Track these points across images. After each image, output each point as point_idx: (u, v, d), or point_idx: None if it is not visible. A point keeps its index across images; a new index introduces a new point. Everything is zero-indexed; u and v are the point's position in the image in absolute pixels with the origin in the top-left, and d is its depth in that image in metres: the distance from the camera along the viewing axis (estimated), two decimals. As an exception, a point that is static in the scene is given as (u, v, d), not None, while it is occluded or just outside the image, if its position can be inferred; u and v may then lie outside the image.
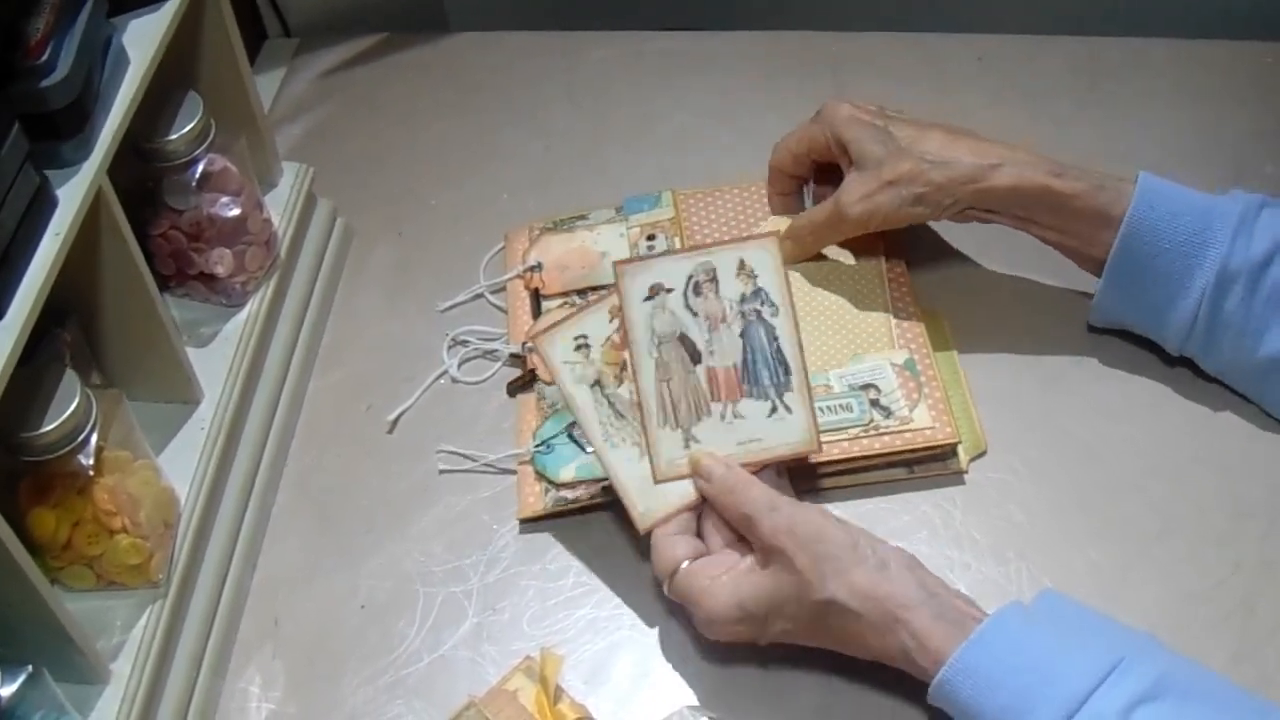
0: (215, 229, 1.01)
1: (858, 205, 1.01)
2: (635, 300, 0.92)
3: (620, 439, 0.92)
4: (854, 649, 0.85)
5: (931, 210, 1.00)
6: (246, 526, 0.99)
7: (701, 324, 0.93)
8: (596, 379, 0.93)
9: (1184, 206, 0.96)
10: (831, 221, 1.04)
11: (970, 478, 0.99)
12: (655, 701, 0.90)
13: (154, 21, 0.92)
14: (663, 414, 0.92)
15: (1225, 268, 0.94)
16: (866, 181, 1.01)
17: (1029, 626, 0.80)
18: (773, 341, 0.93)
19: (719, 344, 0.93)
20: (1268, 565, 0.93)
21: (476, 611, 0.95)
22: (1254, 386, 1.00)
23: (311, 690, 0.92)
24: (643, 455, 0.92)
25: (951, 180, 0.98)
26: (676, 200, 1.15)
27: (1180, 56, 1.29)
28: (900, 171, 0.99)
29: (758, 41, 1.35)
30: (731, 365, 0.93)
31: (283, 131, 1.30)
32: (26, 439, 0.80)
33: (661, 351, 0.92)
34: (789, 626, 0.86)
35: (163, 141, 0.98)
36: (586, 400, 0.92)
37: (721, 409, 0.92)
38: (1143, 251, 0.96)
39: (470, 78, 1.35)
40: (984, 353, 1.06)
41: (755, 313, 0.93)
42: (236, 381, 1.01)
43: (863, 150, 1.01)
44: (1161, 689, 0.76)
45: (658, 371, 0.92)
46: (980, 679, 0.78)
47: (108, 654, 0.86)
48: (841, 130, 1.03)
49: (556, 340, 0.93)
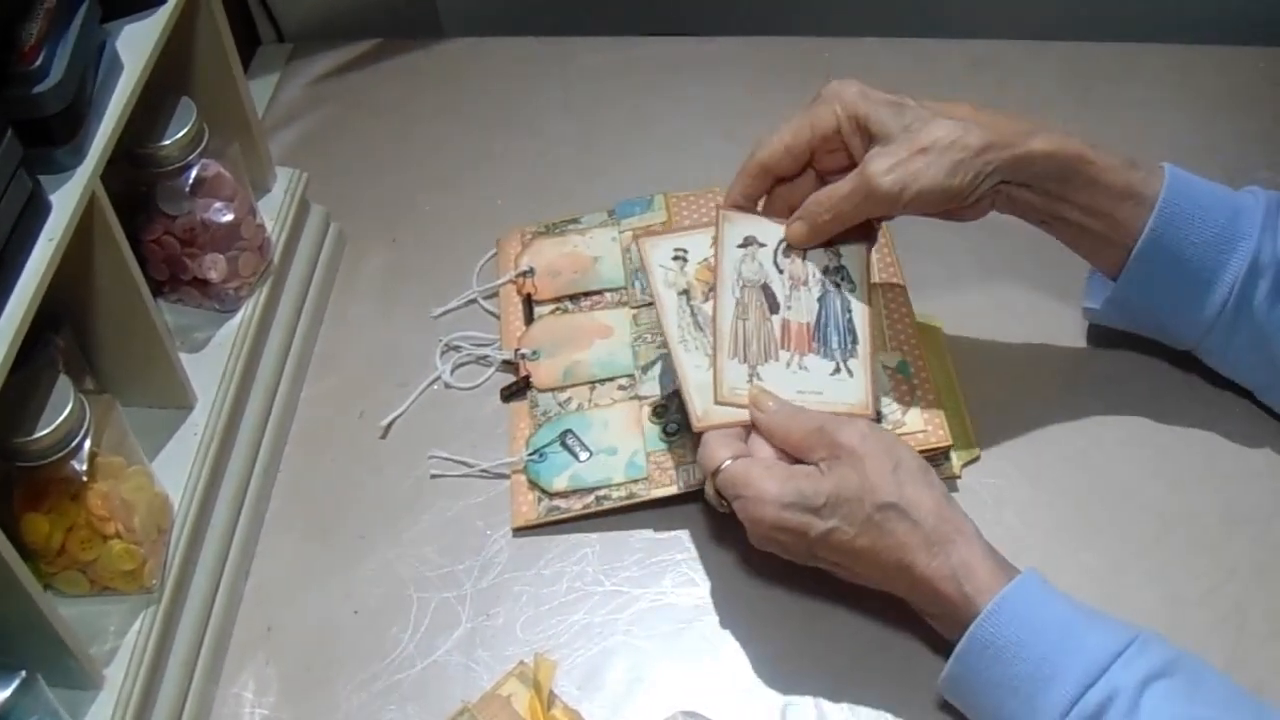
0: (209, 234, 1.01)
1: (889, 175, 0.90)
2: (730, 244, 0.97)
3: (694, 345, 0.96)
4: (891, 570, 0.85)
5: (969, 182, 0.90)
6: (240, 532, 0.99)
7: (785, 281, 0.97)
8: (685, 288, 0.98)
9: (1213, 199, 0.95)
10: (857, 196, 0.92)
11: (963, 482, 0.99)
12: (649, 707, 0.90)
13: (147, 27, 0.92)
14: (733, 347, 0.95)
15: (1255, 262, 0.94)
16: (896, 151, 0.90)
17: (1049, 593, 0.83)
18: (846, 313, 0.97)
19: (797, 301, 0.97)
20: (1262, 571, 0.93)
21: (470, 617, 0.95)
22: (1264, 384, 0.99)
23: (305, 696, 0.92)
24: (709, 368, 0.94)
25: (990, 144, 0.90)
26: (669, 204, 1.15)
27: (1174, 62, 1.29)
28: (935, 137, 0.90)
29: (750, 46, 1.35)
30: (805, 322, 0.96)
31: (276, 137, 1.30)
32: (20, 444, 0.80)
33: (744, 294, 0.96)
34: (841, 525, 0.85)
35: (156, 147, 0.98)
36: (672, 303, 0.97)
37: (789, 357, 0.95)
38: (1176, 240, 0.94)
39: (463, 83, 1.35)
40: (977, 357, 1.06)
41: (835, 285, 0.97)
42: (230, 387, 1.01)
43: (884, 121, 0.91)
44: (1175, 668, 0.78)
45: (736, 309, 0.96)
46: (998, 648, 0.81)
47: (101, 659, 0.86)
48: (857, 105, 0.93)
49: (659, 245, 1.00)
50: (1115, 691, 0.76)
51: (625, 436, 1.01)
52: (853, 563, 0.86)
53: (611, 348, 1.07)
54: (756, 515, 0.86)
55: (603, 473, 1.00)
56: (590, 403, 1.04)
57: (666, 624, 0.94)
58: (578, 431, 1.02)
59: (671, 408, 1.02)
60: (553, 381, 1.06)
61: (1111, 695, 0.76)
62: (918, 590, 0.85)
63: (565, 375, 1.06)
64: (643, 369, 1.05)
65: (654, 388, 1.03)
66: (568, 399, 1.05)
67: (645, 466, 0.99)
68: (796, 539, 0.86)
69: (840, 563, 0.87)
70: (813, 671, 0.90)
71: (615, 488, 0.99)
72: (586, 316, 1.10)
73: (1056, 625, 0.80)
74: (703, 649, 0.92)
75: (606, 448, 1.01)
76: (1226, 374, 1.01)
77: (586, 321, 1.09)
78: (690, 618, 0.94)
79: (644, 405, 1.03)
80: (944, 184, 0.90)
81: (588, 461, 1.00)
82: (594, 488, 0.99)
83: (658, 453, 0.99)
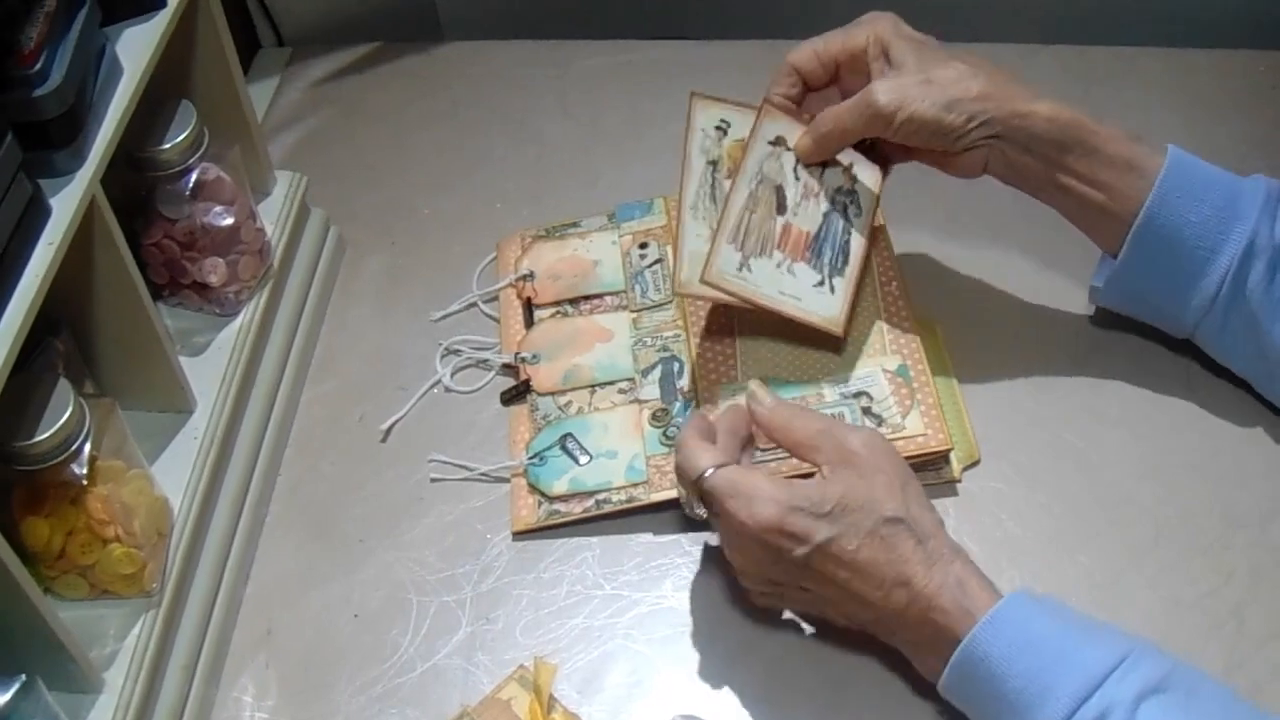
0: (209, 238, 1.01)
1: (888, 94, 0.94)
2: (761, 138, 1.01)
3: (702, 215, 1.01)
4: (889, 584, 0.83)
5: (963, 121, 0.94)
6: (240, 535, 0.99)
7: (798, 188, 1.01)
8: (715, 159, 1.02)
9: (1214, 179, 0.95)
10: (856, 109, 0.96)
11: (963, 486, 0.99)
12: (648, 711, 0.90)
13: (147, 31, 0.92)
14: (734, 233, 0.99)
15: (1252, 244, 0.94)
16: (903, 75, 0.95)
17: (1039, 609, 0.81)
18: (845, 235, 1.01)
19: (804, 210, 1.01)
20: (1259, 574, 0.93)
21: (470, 620, 0.95)
22: (1261, 372, 0.99)
23: (305, 699, 0.92)
24: (707, 242, 0.99)
25: (993, 94, 0.94)
26: (669, 207, 1.15)
27: (1173, 65, 1.29)
28: (942, 74, 0.94)
29: (748, 50, 1.35)
30: (806, 231, 1.01)
31: (276, 141, 1.30)
32: (19, 448, 0.80)
33: (759, 188, 1.00)
34: (845, 534, 0.83)
35: (156, 151, 0.98)
36: (699, 169, 1.01)
37: (780, 259, 1.00)
38: (1173, 218, 0.94)
39: (463, 87, 1.35)
40: (977, 361, 1.06)
41: (844, 205, 1.01)
42: (230, 390, 1.01)
43: (903, 52, 0.96)
44: (1170, 683, 0.77)
45: (748, 201, 1.00)
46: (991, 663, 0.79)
47: (101, 663, 0.86)
48: (886, 32, 0.97)
49: (708, 109, 1.03)
50: (1110, 707, 0.76)
51: (625, 440, 1.01)
52: (849, 578, 0.84)
53: (612, 351, 1.07)
54: (756, 515, 0.83)
55: (603, 476, 1.00)
56: (590, 406, 1.04)
57: (666, 628, 0.94)
58: (578, 435, 1.02)
59: (673, 412, 1.02)
60: (553, 385, 1.06)
61: (1106, 711, 0.76)
62: (912, 608, 0.83)
63: (566, 379, 1.06)
64: (643, 373, 1.05)
65: (654, 391, 1.04)
66: (568, 402, 1.05)
67: (645, 470, 0.99)
68: (793, 546, 0.83)
69: (833, 578, 0.84)
70: (813, 675, 0.90)
71: (615, 491, 0.99)
72: (586, 320, 1.10)
73: (1050, 640, 0.79)
74: (702, 653, 0.92)
75: (606, 451, 1.01)
76: (1224, 363, 1.01)
77: (586, 325, 1.09)
78: (690, 621, 0.94)
79: (644, 409, 1.03)
80: (937, 116, 0.94)
81: (588, 465, 1.00)
82: (594, 491, 0.99)
83: (658, 457, 1.00)
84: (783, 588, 0.88)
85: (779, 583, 0.87)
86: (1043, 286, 1.10)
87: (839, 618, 0.88)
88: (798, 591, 0.87)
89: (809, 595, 0.87)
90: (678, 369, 1.04)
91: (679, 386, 1.03)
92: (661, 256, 1.12)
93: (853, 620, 0.87)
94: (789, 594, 0.88)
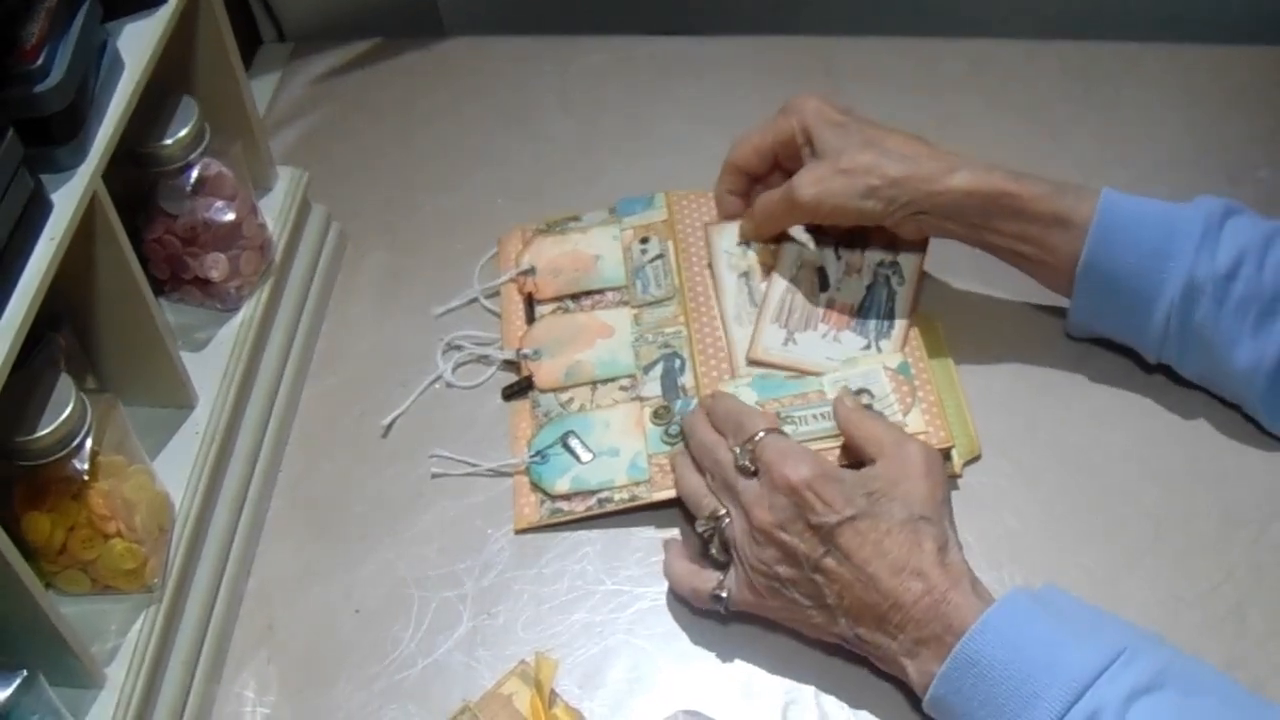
0: (210, 234, 1.01)
1: (810, 189, 1.01)
2: (797, 231, 1.07)
3: (747, 320, 1.05)
4: (906, 574, 0.83)
5: (882, 206, 0.99)
6: (241, 531, 0.99)
7: (840, 266, 1.05)
8: (746, 270, 1.07)
9: (1146, 218, 0.96)
10: (784, 202, 1.03)
11: (964, 482, 0.99)
12: (650, 706, 0.90)
13: (149, 26, 0.92)
14: (777, 313, 1.04)
15: (1190, 281, 0.94)
16: (822, 168, 1.01)
17: (1033, 613, 0.81)
18: (890, 303, 1.04)
19: (847, 285, 1.05)
20: (1260, 571, 0.93)
21: (471, 616, 0.95)
22: (1234, 394, 1.00)
23: (306, 695, 0.92)
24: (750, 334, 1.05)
25: (907, 177, 0.98)
26: (670, 202, 1.15)
27: (1175, 61, 1.29)
28: (857, 162, 0.99)
29: (750, 46, 1.35)
30: (850, 303, 1.04)
31: (277, 136, 1.30)
32: (21, 443, 0.80)
33: (799, 272, 1.05)
34: (881, 515, 0.85)
35: (157, 146, 0.98)
36: (732, 284, 1.06)
37: (826, 329, 1.04)
38: (1109, 264, 0.96)
39: (464, 82, 1.35)
40: (978, 358, 1.06)
41: (886, 277, 1.05)
42: (231, 386, 1.01)
43: (824, 140, 1.02)
44: (1163, 680, 0.76)
45: (789, 284, 1.05)
46: (980, 667, 0.79)
47: (103, 658, 0.86)
48: (809, 120, 1.03)
49: (725, 232, 1.09)
50: (1099, 708, 0.75)
51: (627, 438, 1.01)
52: (868, 558, 0.84)
53: (613, 347, 1.07)
54: (800, 469, 0.86)
55: (605, 474, 1.00)
56: (592, 403, 1.04)
57: (668, 623, 0.94)
58: (579, 432, 1.02)
59: (674, 409, 1.02)
60: (555, 382, 1.06)
61: (1095, 712, 0.75)
62: (925, 599, 0.82)
63: (567, 375, 1.06)
64: (644, 369, 1.05)
65: (655, 388, 1.04)
66: (569, 399, 1.05)
67: (648, 468, 0.99)
68: (825, 511, 0.85)
69: (852, 556, 0.84)
70: (814, 671, 0.90)
71: (617, 490, 0.99)
72: (588, 316, 1.10)
73: (1041, 642, 0.79)
74: (704, 648, 0.92)
75: (608, 449, 1.01)
76: (1202, 385, 1.01)
77: (588, 321, 1.09)
78: (692, 617, 0.94)
79: (645, 406, 1.03)
80: (857, 205, 1.00)
81: (590, 463, 1.00)
82: (596, 490, 0.99)
83: (660, 455, 1.00)
84: (793, 570, 0.87)
85: (794, 560, 0.86)
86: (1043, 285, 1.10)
87: (833, 618, 0.87)
88: (805, 580, 0.86)
89: (818, 581, 0.86)
90: (679, 365, 1.04)
91: (681, 384, 1.03)
92: (663, 252, 1.12)
93: (852, 619, 0.86)
94: (793, 586, 0.87)
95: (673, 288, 1.09)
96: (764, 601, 0.89)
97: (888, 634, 0.84)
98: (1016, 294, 1.10)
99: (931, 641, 0.82)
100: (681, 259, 1.11)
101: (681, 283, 1.09)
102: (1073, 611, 0.83)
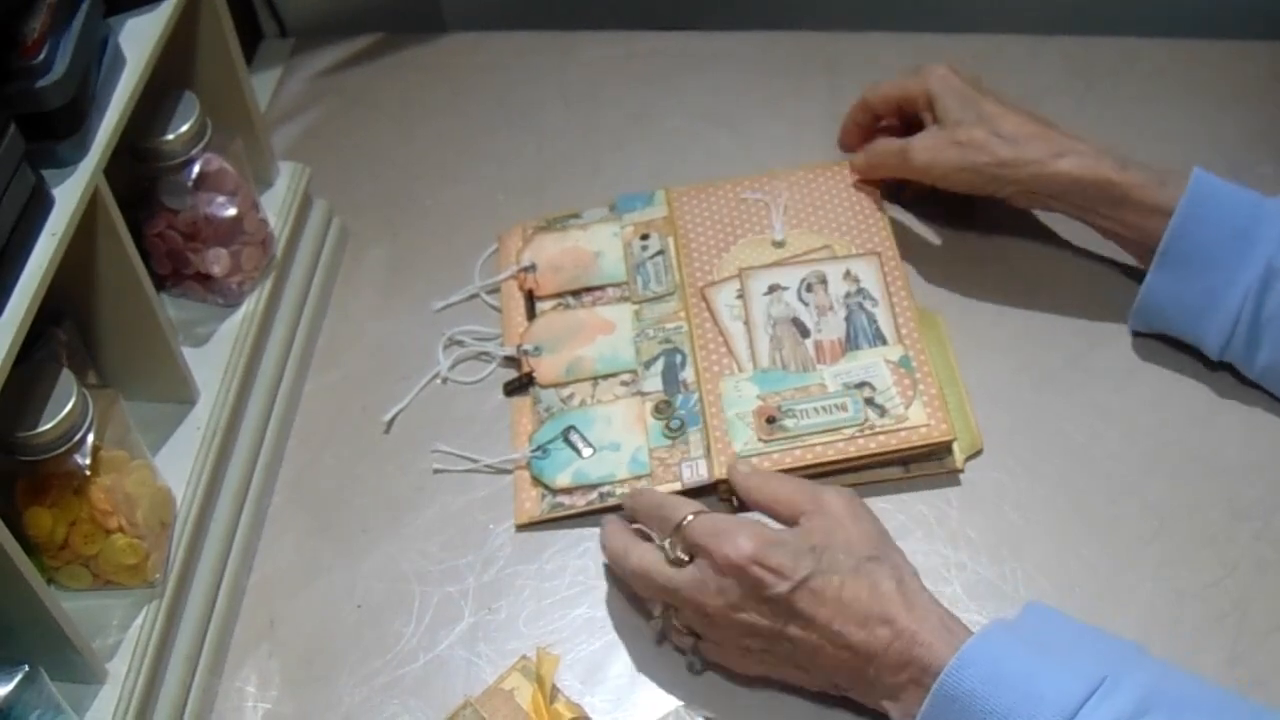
0: (211, 229, 1.01)
1: (923, 154, 1.07)
2: (756, 295, 1.07)
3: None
4: (874, 621, 0.81)
5: (986, 183, 1.05)
6: (242, 526, 0.99)
7: (812, 311, 1.06)
8: (746, 320, 1.06)
9: (1234, 202, 0.97)
10: (898, 156, 1.09)
11: (966, 477, 0.99)
12: (651, 701, 0.90)
13: (150, 21, 0.92)
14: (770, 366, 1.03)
15: (1271, 265, 0.95)
16: (939, 136, 1.06)
17: (1010, 646, 0.79)
18: (872, 324, 1.04)
19: (825, 324, 1.05)
20: (1263, 566, 0.93)
21: (473, 611, 0.95)
22: None
23: (307, 690, 0.92)
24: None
25: (1014, 159, 1.03)
26: (670, 198, 1.15)
27: (1178, 56, 1.29)
28: (971, 136, 1.04)
29: (751, 41, 1.35)
30: (836, 338, 1.04)
31: (279, 131, 1.30)
32: (23, 438, 0.80)
33: (776, 329, 1.05)
34: (829, 571, 0.82)
35: (159, 141, 0.98)
36: (740, 330, 1.05)
37: (823, 368, 1.02)
38: (1192, 241, 0.97)
39: (465, 78, 1.35)
40: (980, 351, 1.06)
41: (859, 305, 1.06)
42: (233, 381, 1.01)
43: (947, 109, 1.06)
44: (1149, 704, 0.75)
45: (771, 343, 1.04)
46: (960, 704, 0.77)
47: (104, 653, 0.86)
48: (934, 86, 1.08)
49: (721, 290, 1.08)
50: None
51: (628, 433, 1.01)
52: (832, 616, 0.82)
53: (614, 343, 1.07)
54: (740, 547, 0.83)
55: (606, 469, 1.00)
56: (593, 399, 1.04)
57: (669, 618, 0.94)
58: (580, 427, 1.02)
59: (675, 404, 1.02)
60: (556, 377, 1.06)
61: None
62: (895, 645, 0.80)
63: (568, 371, 1.06)
64: (645, 365, 1.05)
65: (656, 384, 1.04)
66: (570, 395, 1.05)
67: (649, 463, 0.99)
68: (775, 581, 0.82)
69: (815, 618, 0.82)
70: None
71: (619, 484, 0.99)
72: (588, 312, 1.10)
73: (1021, 674, 0.77)
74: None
75: (609, 444, 1.01)
76: (1261, 383, 1.00)
77: (588, 317, 1.09)
78: (692, 612, 0.94)
79: (646, 401, 1.03)
80: (964, 179, 1.06)
81: (591, 458, 1.00)
82: (597, 484, 0.99)
83: (660, 449, 1.00)
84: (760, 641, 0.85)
85: (757, 633, 0.85)
86: (1046, 276, 1.10)
87: (811, 675, 0.86)
88: (777, 645, 0.85)
89: (786, 647, 0.85)
90: (680, 361, 1.04)
91: (681, 379, 1.03)
92: (663, 248, 1.12)
93: (829, 673, 0.85)
94: (766, 652, 0.86)
95: (673, 283, 1.09)
96: (740, 662, 0.89)
97: (866, 682, 0.83)
98: (1019, 288, 1.10)
99: (909, 685, 0.81)
100: (682, 255, 1.11)
101: (682, 279, 1.09)
102: (1053, 636, 0.81)
